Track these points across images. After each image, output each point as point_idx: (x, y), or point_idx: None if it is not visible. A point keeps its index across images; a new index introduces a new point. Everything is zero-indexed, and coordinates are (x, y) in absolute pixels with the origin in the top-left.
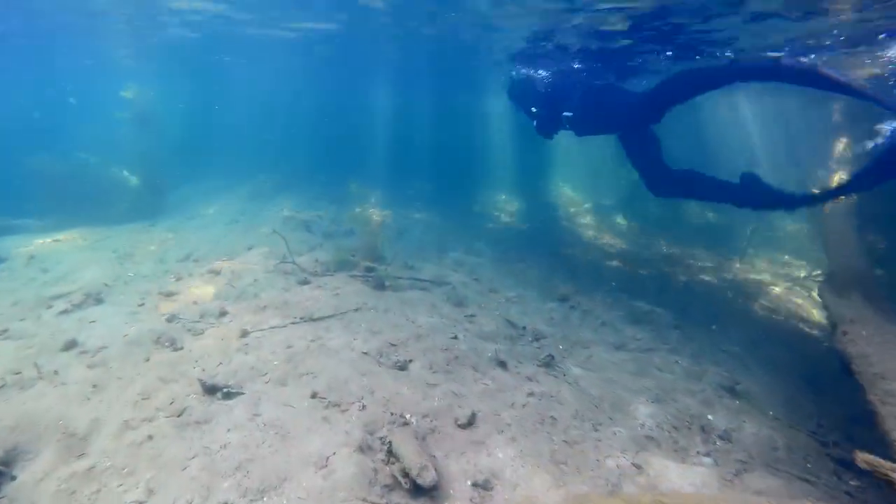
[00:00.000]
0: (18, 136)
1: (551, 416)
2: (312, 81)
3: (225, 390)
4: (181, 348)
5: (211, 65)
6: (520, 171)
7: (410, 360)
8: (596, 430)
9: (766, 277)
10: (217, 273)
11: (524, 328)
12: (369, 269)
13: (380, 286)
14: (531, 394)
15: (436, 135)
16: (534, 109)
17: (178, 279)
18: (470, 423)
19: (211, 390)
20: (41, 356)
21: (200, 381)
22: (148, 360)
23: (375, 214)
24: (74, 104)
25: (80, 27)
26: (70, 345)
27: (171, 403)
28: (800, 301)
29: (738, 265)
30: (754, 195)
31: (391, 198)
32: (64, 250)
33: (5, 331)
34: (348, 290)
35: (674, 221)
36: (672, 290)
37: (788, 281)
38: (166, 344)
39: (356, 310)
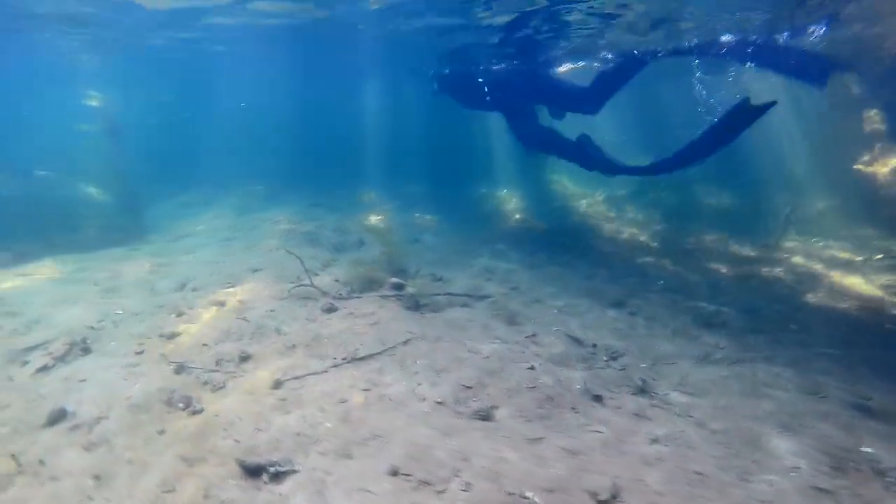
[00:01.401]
0: None
1: (696, 472)
2: (296, 80)
3: (272, 470)
4: (201, 411)
5: (190, 65)
6: (510, 164)
7: (495, 407)
8: (748, 482)
9: (816, 265)
10: (223, 305)
11: (594, 346)
12: (397, 287)
13: (415, 306)
14: (654, 440)
15: (425, 133)
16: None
17: (179, 315)
18: (614, 496)
19: (254, 472)
20: (18, 438)
21: (238, 459)
22: (163, 432)
23: (381, 220)
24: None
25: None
26: (57, 416)
27: (204, 498)
28: (872, 289)
29: (778, 253)
30: (586, 157)
31: (392, 201)
32: (34, 287)
33: None
34: (385, 316)
35: (692, 208)
36: (726, 287)
37: (843, 267)
38: (181, 406)
39: (405, 342)
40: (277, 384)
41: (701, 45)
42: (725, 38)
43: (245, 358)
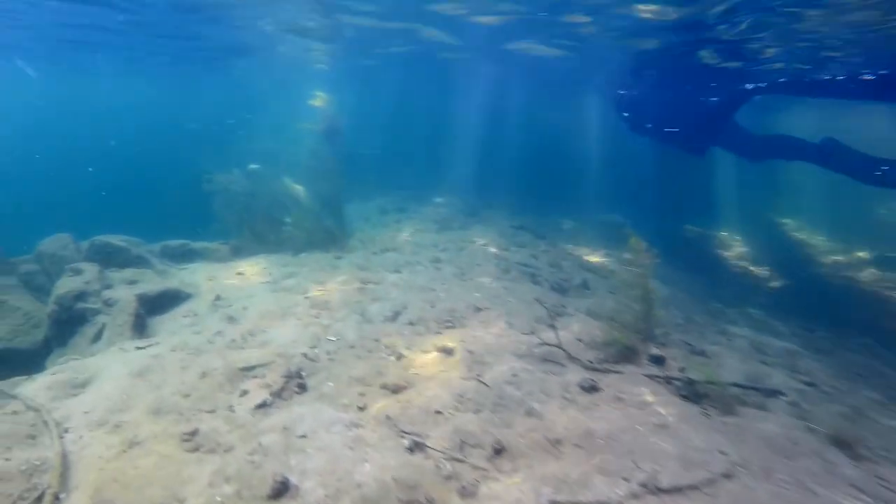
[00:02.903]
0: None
1: None
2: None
3: None
4: None
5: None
6: (725, 198)
7: None
8: None
9: None
10: (449, 353)
11: None
12: (657, 361)
13: (695, 396)
14: None
15: (617, 154)
16: None
17: (398, 358)
18: None
19: None
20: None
21: None
22: None
23: (594, 256)
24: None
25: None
26: (280, 489)
27: None
28: None
29: None
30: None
31: (592, 229)
32: (249, 288)
33: (193, 434)
34: (670, 415)
35: None
36: None
37: None
38: None
39: (727, 476)
40: None
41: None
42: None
43: (498, 451)
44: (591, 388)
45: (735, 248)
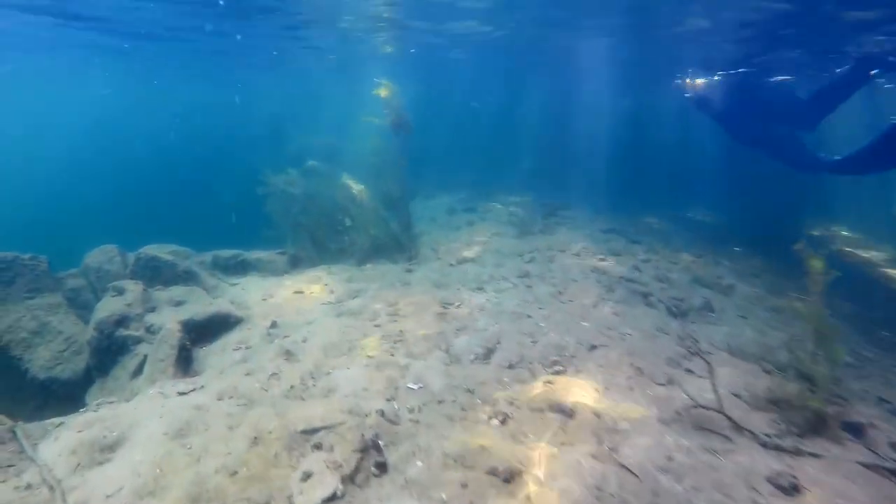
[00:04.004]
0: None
1: None
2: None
3: None
4: None
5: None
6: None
7: None
8: None
9: None
10: (569, 414)
11: None
12: (853, 430)
13: None
14: None
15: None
16: None
17: (503, 421)
18: None
19: None
20: None
21: None
22: None
23: (701, 266)
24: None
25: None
26: None
27: None
28: None
29: None
30: None
31: (684, 232)
32: (308, 311)
33: None
34: None
35: None
36: None
37: None
38: None
39: None
40: None
41: None
42: None
43: None
44: (793, 489)
45: (872, 253)
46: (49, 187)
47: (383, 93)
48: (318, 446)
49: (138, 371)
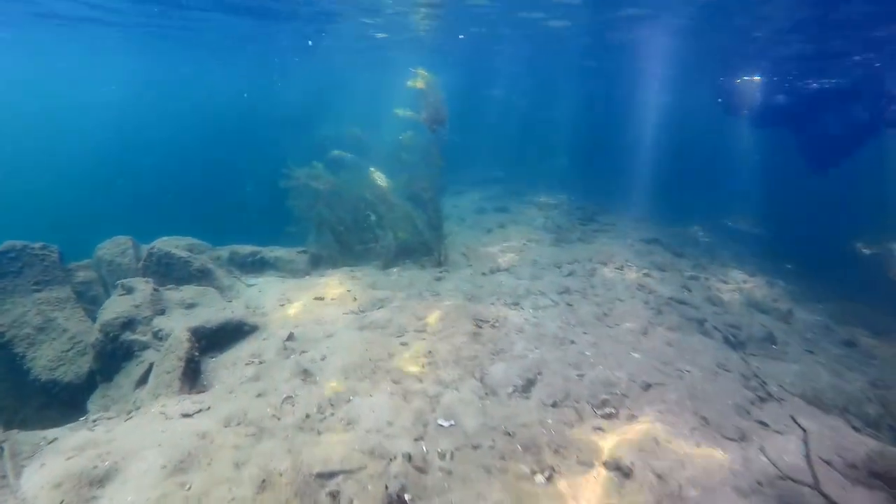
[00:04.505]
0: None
1: None
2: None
3: None
4: None
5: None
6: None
7: None
8: None
9: None
10: (626, 474)
11: None
12: None
13: None
14: None
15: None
16: None
17: (548, 478)
18: None
19: None
20: None
21: None
22: None
23: (754, 286)
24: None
25: None
26: None
27: None
28: None
29: None
30: None
31: (734, 243)
32: (328, 322)
33: None
34: None
35: None
36: None
37: None
38: None
39: None
40: None
41: None
42: None
43: None
44: None
45: None
46: (69, 176)
47: (419, 84)
48: (333, 495)
49: (143, 380)
